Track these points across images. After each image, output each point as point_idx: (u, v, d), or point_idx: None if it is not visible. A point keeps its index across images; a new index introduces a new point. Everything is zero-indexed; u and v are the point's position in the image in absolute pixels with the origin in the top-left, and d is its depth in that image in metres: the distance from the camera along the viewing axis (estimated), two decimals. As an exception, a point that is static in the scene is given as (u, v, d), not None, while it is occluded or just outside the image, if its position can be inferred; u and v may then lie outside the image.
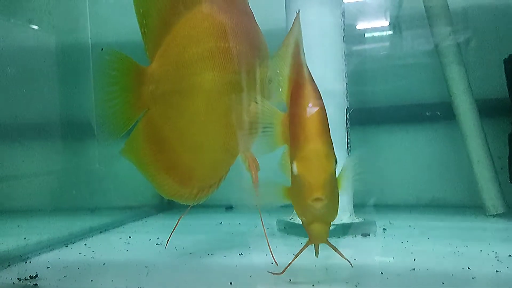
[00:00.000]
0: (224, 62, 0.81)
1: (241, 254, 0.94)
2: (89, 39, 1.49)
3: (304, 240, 0.81)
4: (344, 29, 1.10)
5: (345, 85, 1.12)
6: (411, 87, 1.54)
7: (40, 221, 1.43)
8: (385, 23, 1.56)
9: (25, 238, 1.13)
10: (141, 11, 0.78)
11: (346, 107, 1.12)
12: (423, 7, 1.35)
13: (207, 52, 0.81)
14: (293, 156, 0.65)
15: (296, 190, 0.65)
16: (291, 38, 0.76)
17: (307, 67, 0.70)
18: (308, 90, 0.67)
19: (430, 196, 1.48)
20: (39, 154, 1.61)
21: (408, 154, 1.53)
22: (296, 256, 0.74)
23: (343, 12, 1.10)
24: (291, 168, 0.64)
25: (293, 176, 0.65)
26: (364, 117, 1.50)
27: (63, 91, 1.56)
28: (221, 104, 0.83)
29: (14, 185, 1.55)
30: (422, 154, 1.52)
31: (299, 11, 0.75)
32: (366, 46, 1.57)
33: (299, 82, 0.69)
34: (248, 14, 0.89)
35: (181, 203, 0.90)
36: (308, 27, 1.06)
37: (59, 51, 1.54)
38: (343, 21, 1.10)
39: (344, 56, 1.11)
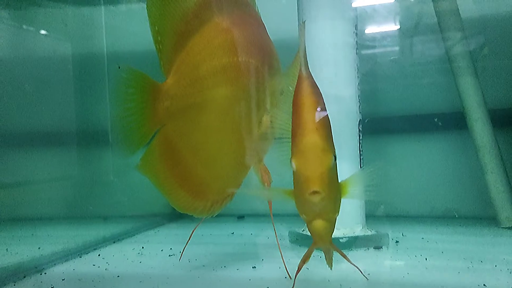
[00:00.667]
0: (237, 76, 0.82)
1: (254, 267, 0.94)
2: (105, 49, 1.51)
3: (318, 253, 0.81)
4: (356, 42, 1.10)
5: (357, 97, 1.12)
6: (423, 96, 1.53)
7: (54, 230, 1.44)
8: (397, 30, 1.55)
9: (39, 248, 1.15)
10: (156, 28, 0.79)
11: (358, 119, 1.12)
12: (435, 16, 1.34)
13: (221, 67, 0.81)
14: (292, 153, 0.64)
15: (296, 187, 0.64)
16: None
17: (306, 65, 0.68)
18: (305, 86, 0.66)
19: (443, 207, 1.47)
20: (53, 161, 1.64)
21: (420, 164, 1.52)
22: (303, 263, 0.73)
23: (356, 24, 1.10)
24: (291, 165, 0.63)
25: (293, 174, 0.64)
26: (376, 126, 1.51)
27: (79, 100, 1.58)
28: (235, 117, 0.84)
29: (29, 192, 1.57)
30: (434, 164, 1.51)
31: (304, 22, 0.75)
32: (378, 55, 1.57)
33: (298, 81, 0.69)
34: (260, 26, 0.89)
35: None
36: (320, 40, 1.08)
37: (75, 60, 1.56)
38: (355, 33, 1.10)
39: (356, 68, 1.11)
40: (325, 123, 0.65)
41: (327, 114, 0.68)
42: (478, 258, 0.95)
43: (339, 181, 0.69)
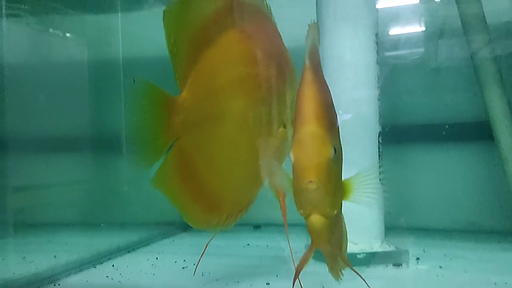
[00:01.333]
0: (253, 88, 0.81)
1: (268, 283, 0.92)
2: (120, 55, 1.52)
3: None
4: (377, 51, 1.07)
5: (377, 109, 1.08)
6: (447, 104, 1.49)
7: (71, 236, 1.45)
8: (419, 34, 1.51)
9: (55, 256, 1.15)
10: (172, 40, 0.78)
11: (378, 131, 1.09)
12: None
13: (237, 79, 0.80)
14: (291, 144, 0.60)
15: (294, 180, 0.61)
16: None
17: (310, 56, 0.63)
18: (306, 76, 0.61)
19: (466, 221, 1.42)
20: (70, 167, 1.65)
21: (443, 175, 1.47)
22: (301, 264, 0.70)
23: (377, 34, 1.07)
24: (290, 157, 0.59)
25: (292, 166, 0.60)
26: (396, 135, 1.46)
27: (96, 107, 1.60)
28: (251, 129, 0.82)
29: (47, 197, 1.58)
30: (457, 175, 1.46)
31: (316, 21, 0.69)
32: (399, 61, 1.53)
33: (302, 72, 0.64)
34: (276, 36, 0.87)
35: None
36: (340, 50, 1.06)
37: (91, 66, 1.58)
38: (376, 43, 1.07)
39: (377, 78, 1.08)
40: (326, 114, 0.61)
41: (332, 105, 0.64)
42: (502, 279, 0.91)
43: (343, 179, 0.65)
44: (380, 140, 1.09)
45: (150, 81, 0.81)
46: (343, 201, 0.68)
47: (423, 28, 1.48)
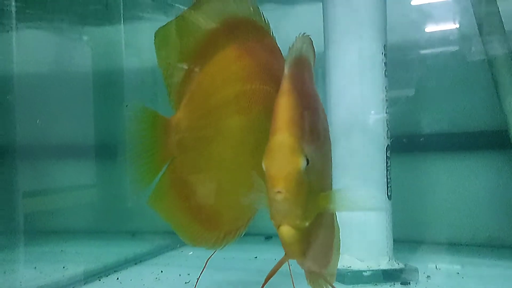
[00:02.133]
0: (250, 105, 0.79)
1: (269, 303, 0.90)
2: (123, 65, 1.54)
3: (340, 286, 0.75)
4: (385, 63, 1.04)
5: (385, 122, 1.05)
6: (465, 112, 1.44)
7: (82, 245, 1.47)
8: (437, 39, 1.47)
9: (63, 267, 1.17)
10: (165, 61, 0.77)
11: (386, 145, 1.05)
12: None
13: (233, 97, 0.79)
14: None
15: (266, 190, 0.58)
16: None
17: (291, 65, 0.62)
18: (283, 85, 0.60)
19: (485, 235, 1.36)
20: (83, 175, 1.68)
21: (460, 186, 1.42)
22: (271, 274, 0.68)
23: (385, 45, 1.04)
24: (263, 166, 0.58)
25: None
26: (412, 143, 1.42)
27: (105, 114, 1.62)
28: (249, 146, 0.81)
29: (59, 205, 1.61)
30: (476, 186, 1.41)
31: (305, 34, 0.66)
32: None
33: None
34: (275, 53, 0.85)
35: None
36: (346, 62, 1.03)
37: (96, 76, 1.61)
38: (384, 54, 1.04)
39: (385, 91, 1.04)
40: (301, 123, 0.58)
41: (316, 116, 0.63)
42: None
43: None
44: (388, 154, 1.06)
45: (146, 98, 0.81)
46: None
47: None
